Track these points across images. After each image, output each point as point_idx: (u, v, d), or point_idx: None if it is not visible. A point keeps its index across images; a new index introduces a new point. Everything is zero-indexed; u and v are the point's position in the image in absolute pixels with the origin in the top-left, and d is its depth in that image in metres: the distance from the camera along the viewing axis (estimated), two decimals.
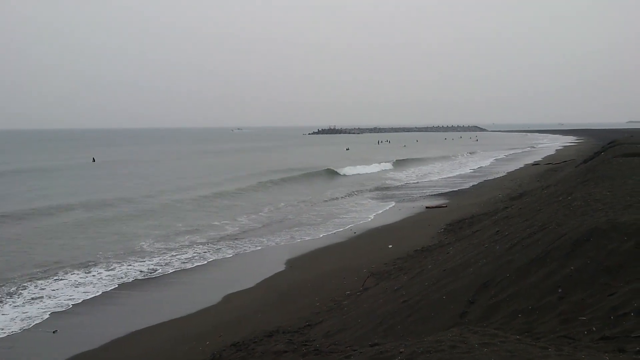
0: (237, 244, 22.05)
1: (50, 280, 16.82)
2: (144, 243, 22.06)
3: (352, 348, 7.60)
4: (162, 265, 18.65)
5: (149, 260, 19.35)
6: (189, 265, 18.72)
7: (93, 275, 17.49)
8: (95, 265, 18.68)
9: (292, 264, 18.16)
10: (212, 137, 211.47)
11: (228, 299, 14.92)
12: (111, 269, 18.18)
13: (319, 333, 10.35)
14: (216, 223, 26.80)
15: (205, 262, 19.15)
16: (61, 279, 17.01)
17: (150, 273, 17.79)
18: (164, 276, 17.46)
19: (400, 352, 5.53)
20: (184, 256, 20.06)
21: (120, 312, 14.33)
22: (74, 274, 17.62)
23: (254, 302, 14.23)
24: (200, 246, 21.55)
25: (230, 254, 20.24)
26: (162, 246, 21.52)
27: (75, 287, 16.36)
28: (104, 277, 17.32)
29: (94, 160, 74.73)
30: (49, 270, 17.98)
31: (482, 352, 5.13)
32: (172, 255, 20.12)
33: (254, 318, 12.76)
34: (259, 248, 21.31)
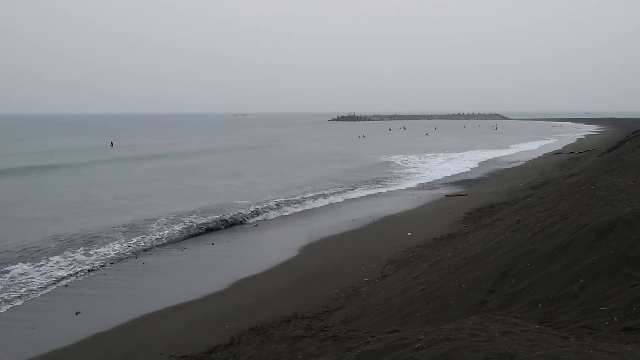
0: (253, 227, 22.25)
1: (57, 262, 17.18)
2: (155, 225, 22.35)
3: (371, 334, 7.62)
4: (174, 248, 18.93)
5: (159, 242, 19.86)
6: (201, 247, 18.96)
7: (99, 255, 17.89)
8: (103, 245, 19.10)
9: (309, 249, 18.22)
10: (223, 123, 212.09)
11: (244, 283, 15.03)
12: (118, 250, 18.59)
13: (337, 319, 10.39)
14: (237, 202, 27.10)
15: (219, 244, 19.36)
16: (68, 259, 17.44)
17: (160, 254, 18.11)
18: (177, 260, 17.67)
19: (420, 339, 5.52)
20: (194, 236, 20.62)
21: (133, 294, 14.56)
22: (83, 253, 18.11)
23: (271, 287, 14.30)
24: (214, 230, 21.84)
25: (245, 239, 20.43)
26: (172, 228, 21.79)
27: (88, 265, 16.76)
28: (111, 257, 17.77)
29: (112, 144, 75.78)
30: (54, 250, 18.39)
31: (503, 340, 5.11)
32: (184, 237, 20.60)
33: (272, 303, 12.83)
34: (277, 231, 21.47)
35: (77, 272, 16.23)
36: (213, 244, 19.58)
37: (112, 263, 17.25)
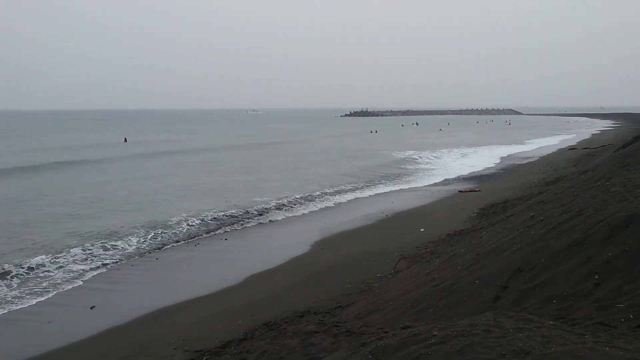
0: (266, 223, 22.34)
1: (73, 256, 17.31)
2: (169, 221, 22.41)
3: (384, 330, 7.63)
4: (188, 244, 19.08)
5: (173, 237, 20.00)
6: (215, 242, 19.18)
7: (114, 250, 18.08)
8: (118, 240, 19.24)
9: (321, 245, 18.24)
10: (234, 119, 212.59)
11: (257, 278, 15.08)
12: (133, 245, 18.78)
13: (350, 314, 10.41)
14: (251, 198, 27.23)
15: (233, 240, 19.47)
16: (82, 255, 17.53)
17: (174, 249, 18.37)
18: (191, 255, 17.79)
19: (434, 335, 5.51)
20: (207, 232, 20.83)
21: (147, 289, 14.70)
22: (99, 248, 18.24)
23: (284, 282, 14.35)
24: (227, 225, 21.96)
25: (258, 234, 20.54)
26: (186, 223, 21.89)
27: (103, 260, 17.03)
28: (125, 252, 17.96)
29: (125, 140, 76.46)
30: (70, 246, 18.51)
31: (517, 336, 5.09)
32: (198, 232, 20.79)
33: (285, 298, 12.87)
34: (289, 227, 21.54)
35: (93, 267, 16.38)
36: (226, 240, 19.67)
37: (127, 258, 17.38)
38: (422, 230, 18.79)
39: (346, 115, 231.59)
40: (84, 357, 10.54)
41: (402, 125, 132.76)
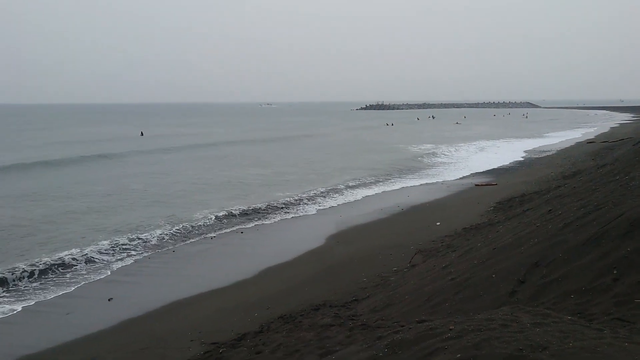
0: (281, 216, 22.39)
1: (90, 249, 17.39)
2: (185, 214, 22.52)
3: (400, 324, 7.61)
4: (204, 237, 19.20)
5: (189, 230, 20.11)
6: (230, 235, 19.32)
7: (131, 243, 18.22)
8: (134, 233, 19.40)
9: (337, 238, 18.25)
10: (248, 112, 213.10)
11: (272, 271, 15.13)
12: (150, 238, 18.88)
13: (366, 308, 10.41)
14: (267, 192, 27.33)
15: (249, 233, 19.54)
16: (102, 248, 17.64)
17: (190, 242, 18.58)
18: (207, 248, 17.92)
19: (450, 329, 5.50)
20: (223, 225, 20.93)
21: (163, 281, 14.82)
22: (115, 241, 18.34)
23: (299, 275, 14.38)
24: (243, 219, 22.04)
25: (274, 228, 20.60)
26: (202, 217, 21.95)
27: (120, 253, 17.24)
28: (142, 245, 18.13)
29: (142, 134, 77.05)
30: (86, 239, 18.67)
31: (535, 331, 5.06)
32: (215, 226, 20.89)
33: (300, 291, 12.91)
34: (304, 220, 21.57)
35: (110, 260, 16.56)
36: (242, 233, 19.76)
37: (144, 251, 17.53)
38: (438, 224, 18.71)
39: (361, 108, 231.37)
40: (101, 348, 10.66)
41: (418, 119, 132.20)
